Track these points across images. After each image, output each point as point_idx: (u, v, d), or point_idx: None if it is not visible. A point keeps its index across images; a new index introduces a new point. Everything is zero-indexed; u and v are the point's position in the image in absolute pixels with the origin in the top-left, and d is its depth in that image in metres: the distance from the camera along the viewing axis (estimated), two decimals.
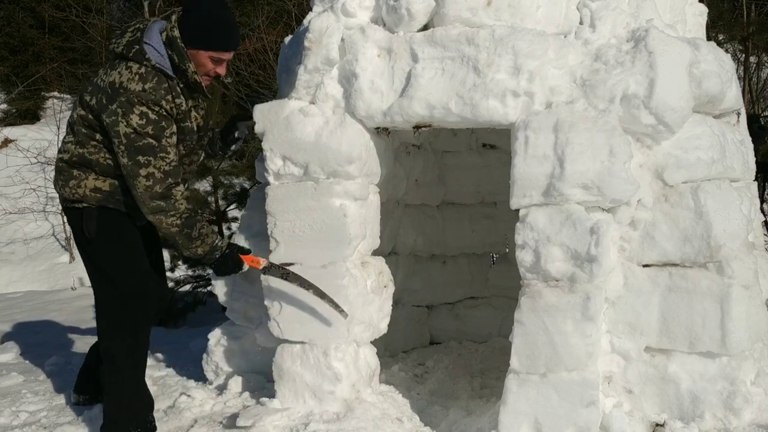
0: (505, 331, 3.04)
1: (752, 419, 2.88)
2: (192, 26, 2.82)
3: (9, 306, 7.73)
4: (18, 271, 9.88)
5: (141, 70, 2.79)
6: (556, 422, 2.79)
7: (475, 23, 3.05)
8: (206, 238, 2.99)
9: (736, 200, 3.00)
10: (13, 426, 3.23)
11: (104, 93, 2.81)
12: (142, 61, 2.80)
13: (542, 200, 2.87)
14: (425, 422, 3.15)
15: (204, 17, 2.83)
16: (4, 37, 13.30)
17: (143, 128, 2.76)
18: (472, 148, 4.80)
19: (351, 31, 3.16)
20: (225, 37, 2.90)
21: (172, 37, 2.82)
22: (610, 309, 2.96)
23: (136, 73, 2.79)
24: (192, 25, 2.82)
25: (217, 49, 2.88)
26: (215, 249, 3.04)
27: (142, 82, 2.77)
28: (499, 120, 2.96)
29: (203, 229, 2.98)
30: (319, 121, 3.13)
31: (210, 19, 2.84)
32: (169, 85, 2.84)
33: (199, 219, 2.97)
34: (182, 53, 2.83)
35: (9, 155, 11.75)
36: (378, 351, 3.38)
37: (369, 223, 3.28)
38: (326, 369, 3.10)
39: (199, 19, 2.83)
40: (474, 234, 4.82)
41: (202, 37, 2.83)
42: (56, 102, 13.28)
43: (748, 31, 9.43)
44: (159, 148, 2.80)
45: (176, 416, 3.26)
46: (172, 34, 2.82)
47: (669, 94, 2.90)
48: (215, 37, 2.86)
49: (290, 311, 3.15)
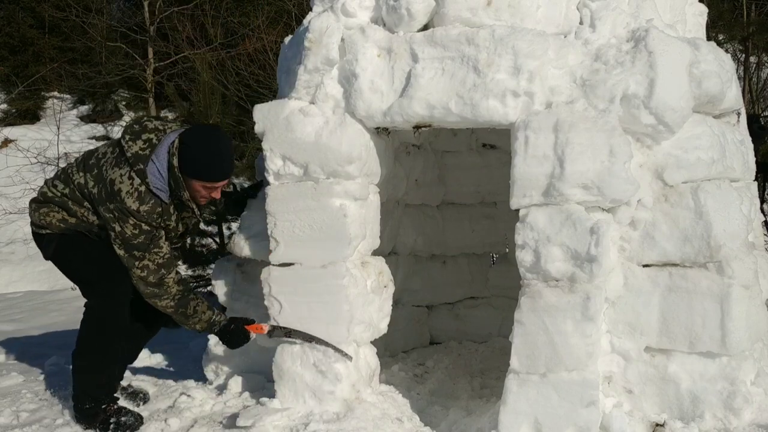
0: (505, 331, 3.04)
1: (752, 419, 2.88)
2: (186, 158, 2.97)
3: (9, 306, 7.73)
4: (18, 271, 9.88)
5: (141, 187, 2.96)
6: (556, 422, 2.79)
7: (475, 23, 3.05)
8: (202, 315, 3.15)
9: (736, 200, 3.00)
10: (13, 426, 3.23)
11: (104, 187, 2.98)
12: (144, 180, 2.97)
13: (542, 200, 2.87)
14: (425, 422, 3.15)
15: (197, 151, 2.98)
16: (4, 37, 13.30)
17: (136, 237, 2.98)
18: (472, 148, 4.80)
19: (351, 31, 3.16)
20: (216, 171, 3.05)
21: (171, 164, 2.99)
22: (610, 309, 2.96)
23: (136, 189, 2.96)
24: (186, 157, 2.97)
25: (207, 180, 3.04)
26: (213, 324, 3.19)
27: (139, 203, 2.95)
28: (499, 120, 2.96)
29: (198, 307, 3.14)
30: (319, 121, 3.13)
31: (202, 154, 2.98)
32: (163, 209, 3.03)
33: (193, 298, 3.13)
34: (179, 182, 3.01)
35: (9, 155, 11.75)
36: (378, 351, 3.38)
37: (369, 223, 3.28)
38: (326, 369, 3.10)
39: (193, 152, 2.97)
40: (474, 234, 4.83)
41: (194, 169, 2.99)
42: (56, 102, 13.27)
43: (748, 31, 9.44)
44: (153, 245, 3.01)
45: (176, 416, 3.26)
46: (172, 161, 2.99)
47: (669, 94, 2.90)
48: (206, 170, 3.01)
49: (290, 311, 3.15)
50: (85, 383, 3.12)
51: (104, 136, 12.96)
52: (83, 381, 3.13)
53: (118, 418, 3.05)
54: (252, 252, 3.43)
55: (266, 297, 3.20)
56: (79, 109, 13.62)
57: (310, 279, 3.13)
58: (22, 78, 12.36)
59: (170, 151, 2.99)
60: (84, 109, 13.58)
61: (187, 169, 2.98)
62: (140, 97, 12.48)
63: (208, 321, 3.17)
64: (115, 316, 3.06)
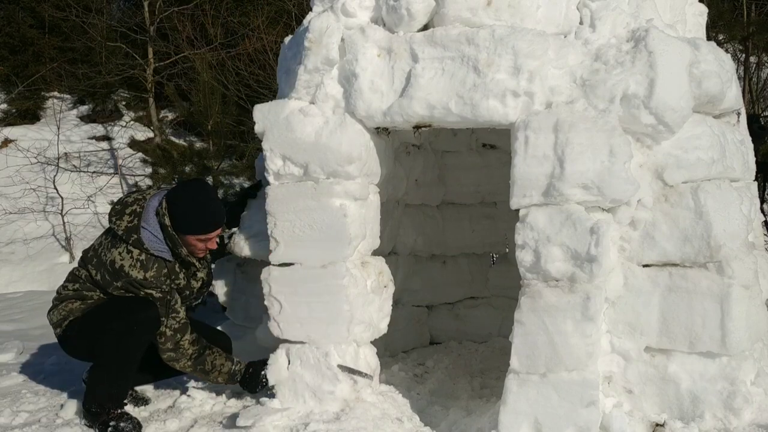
0: (505, 331, 3.04)
1: (752, 419, 2.88)
2: (175, 216, 3.08)
3: (9, 306, 7.72)
4: (18, 271, 9.86)
5: (141, 256, 3.07)
6: (556, 422, 2.79)
7: (475, 23, 3.05)
8: (222, 368, 3.24)
9: (736, 200, 3.00)
10: (13, 426, 3.23)
11: (106, 270, 3.09)
12: (141, 249, 3.06)
13: (542, 200, 2.87)
14: (425, 422, 3.15)
15: (186, 207, 3.09)
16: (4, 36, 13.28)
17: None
18: (472, 148, 4.80)
19: (351, 31, 3.16)
20: (208, 222, 3.14)
21: (163, 224, 3.09)
22: (610, 309, 2.96)
23: (137, 259, 3.06)
24: (175, 214, 3.08)
25: (199, 233, 3.13)
26: (234, 375, 3.26)
27: (144, 271, 3.06)
28: (499, 120, 2.96)
29: (216, 361, 3.23)
30: (319, 121, 3.13)
31: (191, 208, 3.09)
32: (168, 269, 3.13)
33: (209, 353, 3.23)
34: (174, 240, 3.10)
35: (9, 155, 11.73)
36: (378, 351, 3.37)
37: (369, 223, 3.28)
38: (326, 369, 3.10)
39: (182, 209, 3.08)
40: (474, 234, 4.83)
41: (185, 225, 3.09)
42: (56, 102, 13.25)
43: (748, 31, 9.43)
44: (170, 311, 3.13)
45: (176, 416, 3.26)
46: (163, 221, 3.09)
47: (669, 94, 2.90)
48: (198, 224, 3.11)
49: (290, 311, 3.15)
50: (95, 390, 3.15)
51: (104, 136, 12.95)
52: (94, 389, 3.16)
53: (117, 423, 3.09)
54: (252, 252, 3.43)
55: (266, 297, 3.20)
56: (79, 109, 13.61)
57: (310, 279, 3.13)
58: (22, 78, 12.33)
59: (159, 212, 3.09)
60: (84, 109, 13.56)
61: (180, 227, 3.09)
62: (140, 97, 12.47)
63: (228, 372, 3.25)
64: (138, 338, 3.08)
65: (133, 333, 3.03)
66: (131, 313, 3.04)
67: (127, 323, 3.02)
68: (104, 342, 3.04)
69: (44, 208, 11.02)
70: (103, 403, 3.12)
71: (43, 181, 11.31)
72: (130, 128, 13.02)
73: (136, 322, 3.03)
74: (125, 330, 3.02)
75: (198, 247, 3.17)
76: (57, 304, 3.26)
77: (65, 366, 4.16)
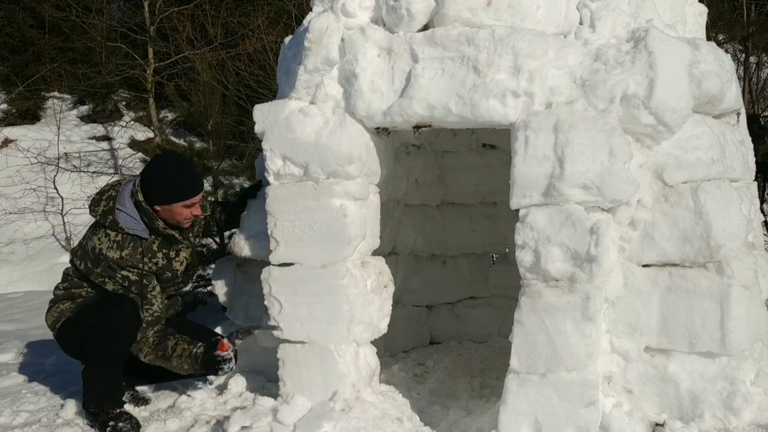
0: (505, 331, 3.04)
1: (752, 419, 2.88)
2: (155, 187, 3.14)
3: (9, 306, 7.72)
4: (18, 271, 9.86)
5: (117, 237, 3.14)
6: (556, 422, 2.79)
7: (475, 23, 3.05)
8: (183, 353, 3.16)
9: (735, 200, 3.00)
10: (13, 426, 3.24)
11: (88, 257, 3.16)
12: (117, 229, 3.13)
13: (542, 200, 2.87)
14: (425, 422, 3.15)
15: (159, 178, 3.16)
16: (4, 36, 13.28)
17: (127, 290, 3.14)
18: (472, 148, 4.80)
19: (351, 32, 3.16)
20: (188, 186, 3.21)
21: (137, 201, 3.15)
22: (610, 309, 2.96)
23: (114, 240, 3.13)
24: (154, 186, 3.14)
25: (184, 198, 3.18)
26: (196, 357, 3.15)
27: (119, 250, 3.12)
28: (499, 120, 2.96)
29: (177, 346, 3.17)
30: (319, 122, 3.13)
31: (165, 177, 3.17)
32: (144, 248, 3.18)
33: (171, 339, 3.18)
34: (149, 215, 3.15)
35: (9, 155, 11.73)
36: (378, 351, 3.38)
37: (369, 223, 3.29)
38: (327, 369, 3.10)
39: (156, 180, 3.15)
40: (474, 234, 4.83)
41: (167, 193, 3.15)
42: (56, 102, 13.26)
43: (748, 31, 9.43)
44: (144, 300, 3.16)
45: (176, 416, 3.26)
46: (137, 198, 3.14)
47: (669, 95, 2.90)
48: (178, 190, 3.17)
49: (290, 311, 3.15)
50: (89, 389, 3.18)
51: (104, 136, 12.96)
52: (88, 387, 3.18)
53: (116, 423, 3.09)
54: (252, 252, 3.43)
55: (266, 297, 3.20)
56: (80, 109, 13.62)
57: (310, 279, 3.13)
58: (22, 78, 12.34)
59: (133, 192, 3.14)
60: (84, 109, 13.56)
61: (157, 199, 3.14)
62: (140, 97, 12.47)
63: (189, 356, 3.15)
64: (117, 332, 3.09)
65: (112, 328, 3.04)
66: (108, 307, 3.08)
67: (104, 318, 3.05)
68: (87, 338, 3.08)
69: (44, 208, 11.03)
70: (100, 402, 3.14)
71: (43, 181, 11.31)
72: (130, 128, 13.03)
73: (114, 317, 3.05)
74: (103, 325, 3.04)
75: (184, 215, 3.21)
76: (50, 307, 3.31)
77: (65, 366, 4.17)
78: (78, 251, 3.23)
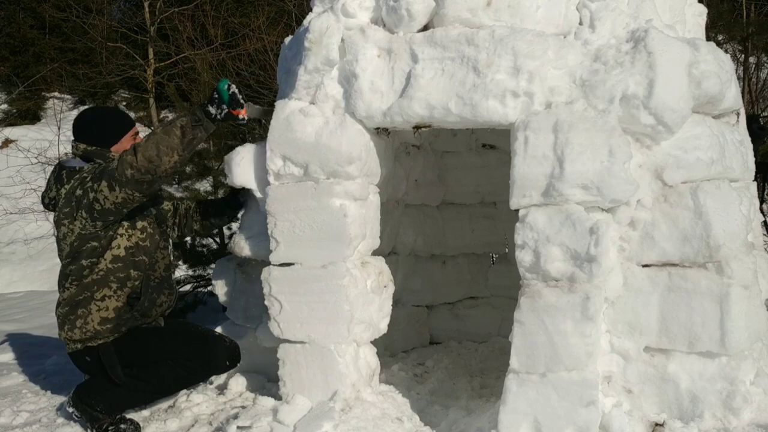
0: (505, 331, 3.05)
1: (751, 419, 2.88)
2: (101, 129, 3.21)
3: (9, 306, 7.73)
4: (18, 271, 9.88)
5: (77, 174, 3.11)
6: (556, 422, 2.80)
7: (474, 24, 3.05)
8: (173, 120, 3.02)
9: (735, 200, 3.00)
10: (13, 426, 3.24)
11: (67, 205, 3.07)
12: (72, 171, 3.13)
13: (542, 200, 2.87)
14: (425, 422, 3.15)
15: (99, 119, 3.26)
16: (4, 37, 13.30)
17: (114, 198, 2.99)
18: (472, 148, 4.80)
19: (351, 32, 3.16)
20: (127, 118, 3.39)
21: (85, 150, 3.18)
22: (610, 309, 2.96)
23: (77, 177, 3.09)
24: (100, 129, 3.21)
25: (130, 128, 3.30)
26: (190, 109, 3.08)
27: (88, 172, 3.07)
28: (498, 120, 2.96)
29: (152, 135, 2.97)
30: (319, 122, 3.13)
31: (105, 116, 3.31)
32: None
33: (149, 136, 2.98)
34: (101, 153, 3.18)
35: (9, 155, 11.76)
36: (378, 351, 3.38)
37: (369, 223, 3.29)
38: (327, 369, 3.10)
39: (99, 122, 3.23)
40: (474, 234, 4.83)
41: (115, 128, 3.25)
42: (57, 102, 13.29)
43: (748, 31, 9.42)
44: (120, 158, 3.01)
45: (176, 416, 3.27)
46: (84, 148, 3.18)
47: (668, 95, 2.90)
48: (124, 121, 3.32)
49: (290, 311, 3.16)
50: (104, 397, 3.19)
51: None
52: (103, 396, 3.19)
53: (117, 426, 3.09)
54: (252, 252, 3.43)
55: (266, 297, 3.20)
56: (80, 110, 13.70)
57: (310, 279, 3.13)
58: (22, 78, 12.36)
59: (74, 154, 3.22)
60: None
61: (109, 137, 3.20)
62: (141, 98, 12.49)
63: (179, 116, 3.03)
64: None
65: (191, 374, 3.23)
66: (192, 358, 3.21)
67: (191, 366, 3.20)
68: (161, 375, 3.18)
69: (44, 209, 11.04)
70: (111, 410, 3.14)
71: (43, 181, 11.32)
72: None
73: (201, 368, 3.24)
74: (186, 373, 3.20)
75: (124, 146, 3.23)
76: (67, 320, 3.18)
77: (65, 366, 4.17)
78: (59, 242, 3.21)
